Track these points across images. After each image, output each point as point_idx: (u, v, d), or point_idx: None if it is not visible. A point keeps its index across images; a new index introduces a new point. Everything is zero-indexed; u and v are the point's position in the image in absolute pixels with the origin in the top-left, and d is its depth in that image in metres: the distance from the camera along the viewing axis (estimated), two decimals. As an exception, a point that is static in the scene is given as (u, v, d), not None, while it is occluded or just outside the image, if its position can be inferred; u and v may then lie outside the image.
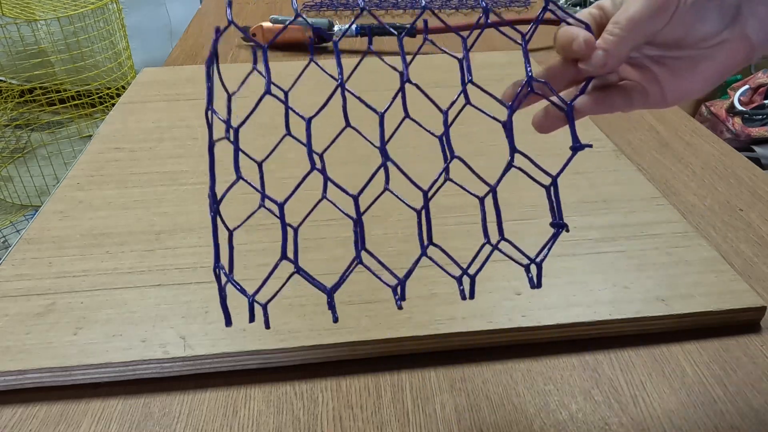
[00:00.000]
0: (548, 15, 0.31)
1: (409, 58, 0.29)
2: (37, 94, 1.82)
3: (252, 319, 0.29)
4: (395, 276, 0.30)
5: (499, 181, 0.29)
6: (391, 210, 0.53)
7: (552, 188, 0.29)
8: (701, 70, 0.32)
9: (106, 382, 0.39)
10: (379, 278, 0.30)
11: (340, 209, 0.31)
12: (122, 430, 0.36)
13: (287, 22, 0.31)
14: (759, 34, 0.31)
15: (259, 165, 0.33)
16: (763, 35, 0.31)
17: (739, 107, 1.73)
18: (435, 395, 0.39)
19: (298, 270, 0.29)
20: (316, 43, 0.98)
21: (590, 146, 0.27)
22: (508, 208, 0.53)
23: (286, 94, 0.30)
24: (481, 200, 0.30)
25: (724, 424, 0.37)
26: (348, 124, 0.30)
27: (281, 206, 0.30)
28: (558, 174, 0.28)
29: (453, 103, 0.32)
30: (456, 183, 0.30)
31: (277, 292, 0.30)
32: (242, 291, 0.29)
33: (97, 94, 1.86)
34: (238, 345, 0.39)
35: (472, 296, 0.30)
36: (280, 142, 0.33)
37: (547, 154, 0.62)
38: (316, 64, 0.29)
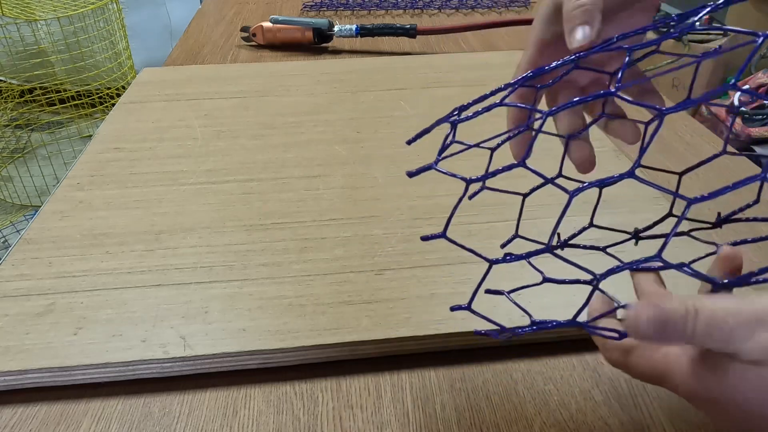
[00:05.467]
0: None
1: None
2: (37, 94, 1.82)
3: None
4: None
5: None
6: (392, 210, 0.53)
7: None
8: (636, 17, 0.34)
9: (106, 382, 0.39)
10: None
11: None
12: (122, 430, 0.36)
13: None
14: None
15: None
16: None
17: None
18: (435, 395, 0.39)
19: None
20: (317, 43, 0.98)
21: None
22: (508, 208, 0.53)
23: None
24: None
25: (724, 424, 0.37)
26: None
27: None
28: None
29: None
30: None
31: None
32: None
33: (97, 94, 1.86)
34: (238, 345, 0.39)
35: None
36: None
37: (545, 152, 0.62)
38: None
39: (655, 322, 0.24)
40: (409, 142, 0.26)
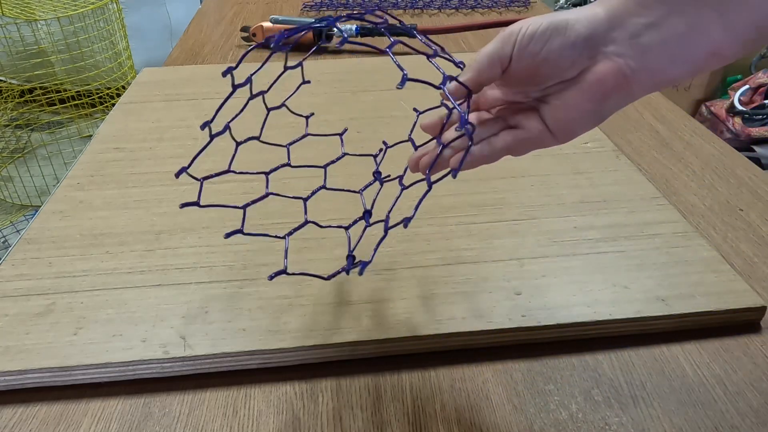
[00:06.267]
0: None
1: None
2: (37, 94, 1.82)
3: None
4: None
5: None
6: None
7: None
8: (571, 99, 0.33)
9: (106, 382, 0.39)
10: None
11: None
12: (122, 430, 0.36)
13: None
14: (629, 62, 0.32)
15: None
16: (635, 63, 0.32)
17: (739, 107, 1.73)
18: (435, 395, 0.39)
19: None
20: (317, 44, 0.98)
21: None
22: (508, 208, 0.53)
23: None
24: None
25: (724, 424, 0.37)
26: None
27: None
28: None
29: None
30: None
31: None
32: None
33: (97, 94, 1.86)
34: (238, 345, 0.39)
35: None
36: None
37: (546, 152, 0.62)
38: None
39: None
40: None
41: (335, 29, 0.97)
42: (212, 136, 0.34)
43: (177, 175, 0.32)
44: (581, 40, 0.32)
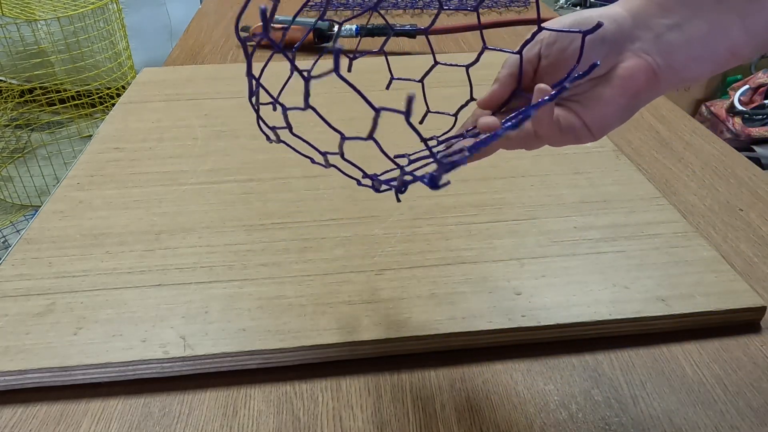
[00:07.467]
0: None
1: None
2: (37, 94, 1.82)
3: None
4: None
5: None
6: (392, 210, 0.53)
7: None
8: (606, 94, 0.33)
9: (106, 382, 0.39)
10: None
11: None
12: (122, 430, 0.36)
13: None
14: (657, 59, 0.32)
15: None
16: (661, 60, 0.32)
17: (739, 107, 1.73)
18: (435, 395, 0.39)
19: None
20: (317, 43, 0.98)
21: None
22: (508, 208, 0.53)
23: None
24: None
25: (724, 424, 0.37)
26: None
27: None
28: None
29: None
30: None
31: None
32: None
33: (97, 94, 1.86)
34: (238, 345, 0.39)
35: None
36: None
37: (545, 152, 0.62)
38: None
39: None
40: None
41: (335, 29, 0.97)
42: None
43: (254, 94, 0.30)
44: (610, 34, 0.32)
